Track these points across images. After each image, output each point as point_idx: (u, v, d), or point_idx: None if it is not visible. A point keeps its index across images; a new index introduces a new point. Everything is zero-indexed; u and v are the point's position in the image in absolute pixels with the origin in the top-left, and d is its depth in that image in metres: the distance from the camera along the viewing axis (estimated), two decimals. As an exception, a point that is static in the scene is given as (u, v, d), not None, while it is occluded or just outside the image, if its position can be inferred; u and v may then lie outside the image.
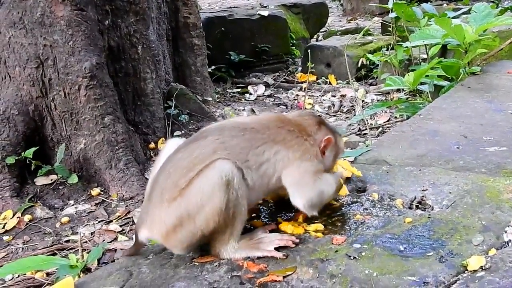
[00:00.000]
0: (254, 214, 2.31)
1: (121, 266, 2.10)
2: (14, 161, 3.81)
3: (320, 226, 2.15)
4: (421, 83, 4.50)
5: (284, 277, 1.89)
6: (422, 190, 2.38)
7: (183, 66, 5.46)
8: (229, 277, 1.93)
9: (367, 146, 4.14)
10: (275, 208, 2.37)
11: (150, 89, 4.58)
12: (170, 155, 2.06)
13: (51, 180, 4.02)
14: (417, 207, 2.26)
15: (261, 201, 2.38)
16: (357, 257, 1.91)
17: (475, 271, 1.80)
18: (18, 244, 3.44)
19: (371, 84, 6.39)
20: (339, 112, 5.57)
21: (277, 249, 2.03)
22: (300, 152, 2.07)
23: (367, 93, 5.82)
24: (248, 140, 2.01)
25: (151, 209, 2.00)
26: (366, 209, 2.26)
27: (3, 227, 3.58)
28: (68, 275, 2.22)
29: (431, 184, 2.43)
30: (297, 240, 2.07)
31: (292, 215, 2.28)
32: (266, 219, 2.30)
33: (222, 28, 6.49)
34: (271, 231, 2.14)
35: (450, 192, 2.33)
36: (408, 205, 2.28)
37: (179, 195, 1.92)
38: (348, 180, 2.49)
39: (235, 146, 1.98)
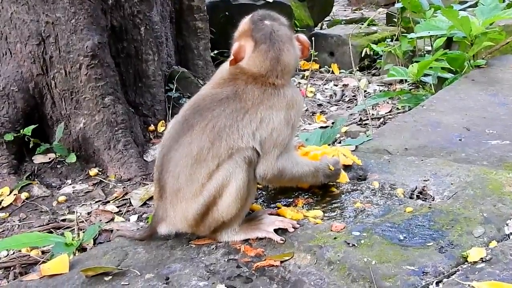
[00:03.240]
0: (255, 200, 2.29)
1: (117, 245, 2.08)
2: (12, 138, 3.77)
3: (319, 213, 2.12)
4: (425, 75, 4.46)
5: (281, 262, 1.87)
6: (424, 181, 2.35)
7: (185, 49, 5.40)
8: (226, 260, 1.92)
9: (368, 136, 4.12)
10: (274, 193, 2.34)
11: (151, 71, 4.53)
12: (162, 153, 2.03)
13: (49, 158, 4.00)
14: (418, 197, 2.24)
15: (261, 186, 2.35)
16: (356, 245, 1.89)
17: (475, 262, 1.78)
18: (14, 221, 3.42)
19: (374, 75, 6.35)
20: (340, 102, 5.53)
21: (276, 232, 2.01)
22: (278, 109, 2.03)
23: (369, 83, 5.77)
24: (231, 114, 1.98)
25: (170, 208, 2.00)
26: (366, 197, 2.24)
27: (0, 204, 3.55)
28: (63, 253, 2.20)
29: (432, 174, 2.40)
30: (298, 225, 2.06)
31: (291, 200, 2.26)
32: (265, 204, 2.27)
33: (226, 13, 6.43)
34: (270, 216, 2.13)
35: (451, 183, 2.30)
36: (409, 194, 2.26)
37: (202, 188, 1.94)
38: (348, 167, 2.46)
39: (225, 128, 1.95)
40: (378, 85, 5.69)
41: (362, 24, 6.13)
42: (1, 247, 2.43)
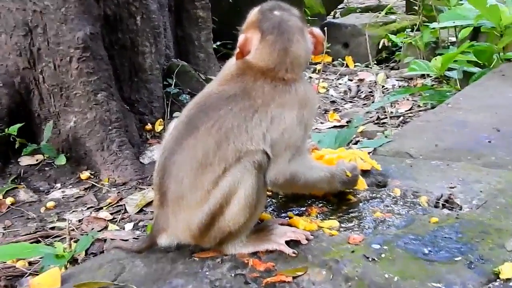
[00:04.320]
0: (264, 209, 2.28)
1: (113, 258, 2.07)
2: (-4, 137, 3.79)
3: (335, 223, 2.11)
4: (449, 69, 4.45)
5: (293, 277, 1.86)
6: (450, 187, 2.34)
7: (185, 40, 5.40)
8: (233, 275, 1.91)
9: (386, 136, 4.11)
10: (285, 200, 2.34)
11: (148, 64, 4.53)
12: (164, 156, 2.02)
13: (37, 160, 4.01)
14: (443, 205, 2.23)
15: (270, 193, 2.35)
16: (376, 259, 1.88)
17: (508, 279, 1.77)
18: (-2, 229, 3.43)
19: (392, 68, 6.35)
20: (356, 98, 5.53)
21: (288, 244, 2.01)
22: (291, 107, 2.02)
23: (387, 78, 5.77)
24: (239, 113, 1.97)
25: (172, 217, 1.99)
26: (387, 206, 2.23)
27: (-17, 210, 3.57)
28: (53, 266, 2.20)
29: (459, 180, 2.39)
30: (311, 237, 2.05)
31: (304, 209, 2.25)
32: (275, 213, 2.26)
33: (230, 0, 6.43)
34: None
35: (481, 191, 2.29)
36: (434, 203, 2.25)
37: (207, 196, 1.93)
38: (367, 173, 2.45)
39: (232, 129, 1.94)
40: (397, 80, 5.69)
41: (380, 12, 6.10)
42: (-14, 259, 2.43)
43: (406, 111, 4.95)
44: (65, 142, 4.03)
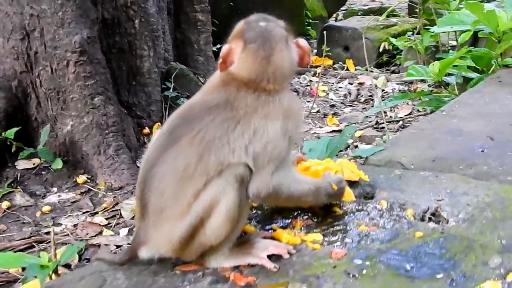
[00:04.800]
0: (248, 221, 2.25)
1: (95, 270, 2.05)
2: (-7, 141, 3.79)
3: (318, 237, 2.08)
4: (448, 74, 4.41)
5: (274, 293, 1.83)
6: (437, 200, 2.30)
7: (184, 43, 5.39)
8: (213, 289, 1.88)
9: (384, 141, 4.07)
10: (270, 212, 2.31)
11: (146, 67, 4.53)
12: (145, 168, 2.00)
13: (34, 164, 4.02)
14: (430, 219, 2.19)
15: (256, 204, 2.32)
16: (356, 275, 1.85)
17: (489, 298, 1.74)
18: (-7, 234, 3.43)
19: (393, 72, 6.31)
20: (355, 102, 5.49)
21: (270, 258, 1.98)
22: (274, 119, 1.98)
23: (388, 81, 5.73)
24: (221, 124, 1.93)
25: (152, 229, 1.96)
26: (372, 219, 2.19)
27: (-21, 214, 3.57)
28: (37, 276, 2.19)
29: (447, 193, 2.35)
30: (293, 251, 2.01)
31: (289, 221, 2.22)
32: (260, 225, 2.24)
33: (231, 3, 6.42)
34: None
35: (468, 204, 2.25)
36: (420, 216, 2.21)
37: (188, 209, 1.90)
38: (355, 183, 2.42)
39: (214, 140, 1.91)
40: (397, 84, 5.65)
41: (380, 16, 6.06)
42: (-30, 269, 2.42)
43: (405, 115, 4.92)
44: (62, 146, 4.04)
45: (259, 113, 1.96)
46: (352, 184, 2.41)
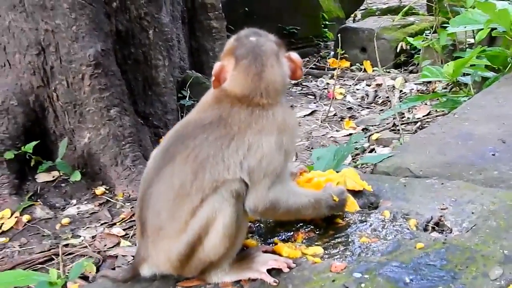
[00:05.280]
0: (250, 234, 2.26)
1: (99, 287, 2.08)
2: (13, 156, 3.86)
3: (319, 250, 2.07)
4: (465, 74, 4.35)
5: (273, 308, 1.84)
6: (441, 209, 2.27)
7: (200, 51, 5.43)
8: (214, 305, 1.90)
9: (400, 144, 4.04)
10: (273, 225, 2.31)
11: (162, 77, 4.56)
12: (143, 187, 2.02)
13: (53, 177, 4.07)
14: (433, 229, 2.17)
15: (256, 218, 2.32)
16: (355, 289, 1.84)
17: (488, 311, 1.71)
18: (14, 247, 3.49)
19: (411, 72, 6.23)
20: (373, 104, 5.45)
21: (270, 272, 1.98)
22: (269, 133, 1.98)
23: (406, 82, 5.66)
24: (215, 142, 1.94)
25: (152, 247, 1.99)
26: (375, 230, 2.17)
27: (0, 228, 3.62)
28: (46, 293, 2.23)
29: (452, 201, 2.32)
30: (293, 265, 2.01)
31: (291, 234, 2.22)
32: (262, 238, 2.24)
33: (246, 8, 6.43)
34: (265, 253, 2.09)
35: (472, 212, 2.22)
36: (424, 226, 2.19)
37: (185, 227, 1.92)
38: (359, 193, 2.40)
39: (208, 158, 1.92)
40: (415, 84, 5.58)
41: (396, 16, 6.00)
42: (-20, 287, 2.47)
43: (423, 116, 4.86)
44: (80, 158, 4.09)
45: (253, 128, 1.97)
46: (356, 194, 2.39)
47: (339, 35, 5.41)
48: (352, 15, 8.63)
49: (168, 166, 1.94)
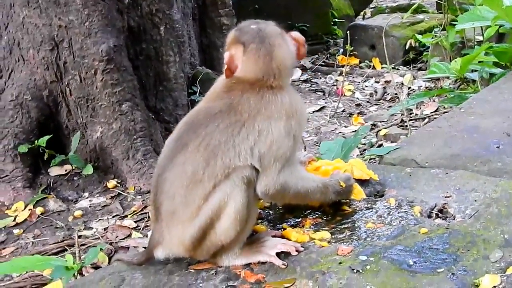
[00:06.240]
0: (260, 220, 2.35)
1: (114, 270, 2.18)
2: (27, 149, 3.94)
3: (326, 234, 2.17)
4: (473, 70, 4.41)
5: (281, 289, 1.93)
6: (445, 197, 2.36)
7: (210, 48, 5.50)
8: (225, 286, 1.99)
9: (407, 135, 4.10)
10: (281, 212, 2.40)
11: (173, 73, 4.63)
12: (157, 173, 2.12)
13: (66, 170, 4.14)
14: (437, 215, 2.25)
15: (268, 204, 2.42)
16: (360, 271, 1.93)
17: (486, 291, 1.79)
18: (28, 238, 3.57)
19: (420, 69, 6.29)
20: (381, 100, 5.52)
21: (279, 255, 2.07)
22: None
23: (414, 79, 5.73)
24: (225, 130, 2.03)
25: (166, 231, 2.08)
26: (380, 217, 2.27)
27: (14, 220, 3.72)
28: (62, 277, 2.33)
29: (456, 190, 2.40)
30: (301, 248, 2.10)
31: (299, 220, 2.31)
32: (271, 224, 2.33)
33: (256, 6, 6.50)
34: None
35: (475, 200, 2.30)
36: (428, 213, 2.27)
37: (198, 211, 2.01)
38: (365, 182, 2.49)
39: (220, 145, 2.01)
40: (424, 81, 5.64)
41: (406, 13, 6.05)
42: (0, 272, 2.57)
43: (431, 112, 4.92)
44: (92, 152, 4.16)
45: (263, 114, 2.06)
46: (363, 182, 2.48)
47: (348, 32, 5.48)
48: (362, 13, 8.68)
49: (181, 154, 2.04)
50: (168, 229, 2.06)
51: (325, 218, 2.31)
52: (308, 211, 2.35)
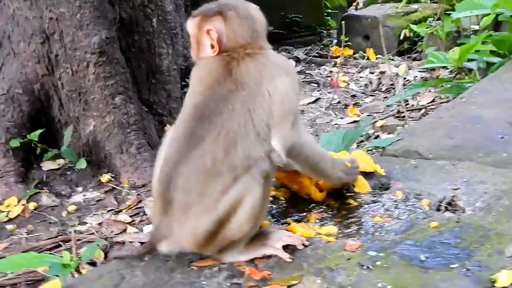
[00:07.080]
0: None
1: (114, 268, 2.09)
2: (19, 144, 3.85)
3: (333, 229, 2.09)
4: (470, 60, 4.35)
5: (288, 286, 1.85)
6: (454, 189, 2.29)
7: (203, 39, 5.42)
8: (229, 284, 1.91)
9: (402, 129, 4.04)
10: (285, 206, 2.32)
11: (166, 65, 4.55)
12: (168, 167, 2.02)
13: (58, 165, 4.06)
14: (446, 208, 2.19)
15: (271, 199, 2.34)
16: (370, 267, 1.85)
17: (504, 288, 1.72)
18: (21, 234, 3.50)
19: (414, 59, 6.24)
20: (376, 91, 5.46)
21: (285, 250, 2.00)
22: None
23: (409, 69, 5.66)
24: (241, 109, 1.96)
25: (177, 225, 1.99)
26: (387, 210, 2.19)
27: (7, 215, 3.64)
28: (59, 275, 2.24)
29: (464, 182, 2.34)
30: (307, 242, 2.03)
31: (304, 215, 2.23)
32: (275, 220, 2.25)
33: (250, -2, 6.41)
34: (279, 233, 2.11)
35: (485, 192, 2.24)
36: (436, 206, 2.20)
37: (215, 205, 1.93)
38: (370, 175, 2.42)
39: (239, 128, 1.94)
40: (419, 71, 5.59)
41: (401, 2, 5.99)
42: (-6, 269, 2.49)
43: (428, 103, 4.87)
44: (85, 146, 4.09)
45: (267, 77, 2.00)
46: (368, 175, 2.41)
47: (343, 22, 5.41)
48: (354, 3, 8.60)
49: (197, 149, 1.94)
50: (179, 222, 1.97)
51: (330, 212, 2.23)
52: (313, 205, 2.28)
